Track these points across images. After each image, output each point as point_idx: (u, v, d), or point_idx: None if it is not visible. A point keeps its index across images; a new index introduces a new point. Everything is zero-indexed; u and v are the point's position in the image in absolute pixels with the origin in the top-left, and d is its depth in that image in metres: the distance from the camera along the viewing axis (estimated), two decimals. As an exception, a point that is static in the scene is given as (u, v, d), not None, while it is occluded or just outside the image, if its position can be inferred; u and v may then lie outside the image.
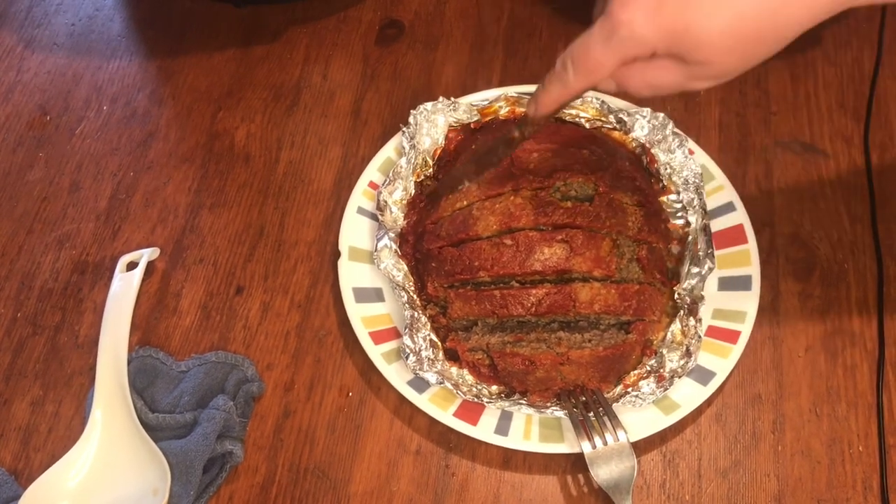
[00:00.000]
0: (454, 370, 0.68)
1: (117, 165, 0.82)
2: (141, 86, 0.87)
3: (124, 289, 0.72)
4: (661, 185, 0.75)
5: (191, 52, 0.89)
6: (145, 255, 0.75)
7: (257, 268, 0.76)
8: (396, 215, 0.74)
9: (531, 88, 0.79)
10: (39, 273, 0.76)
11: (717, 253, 0.72)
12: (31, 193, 0.80)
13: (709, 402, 0.69)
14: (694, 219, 0.73)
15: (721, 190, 0.76)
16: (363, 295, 0.72)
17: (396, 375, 0.68)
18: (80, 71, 0.88)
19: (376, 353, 0.69)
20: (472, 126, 0.78)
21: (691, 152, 0.76)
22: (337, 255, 0.75)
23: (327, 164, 0.82)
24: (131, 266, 0.74)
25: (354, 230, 0.75)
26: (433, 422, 0.68)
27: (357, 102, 0.86)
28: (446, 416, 0.66)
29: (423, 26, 0.91)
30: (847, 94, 0.85)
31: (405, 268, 0.71)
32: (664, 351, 0.68)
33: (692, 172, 0.75)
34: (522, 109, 0.78)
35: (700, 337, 0.68)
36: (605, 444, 0.64)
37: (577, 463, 0.67)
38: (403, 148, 0.77)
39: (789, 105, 0.85)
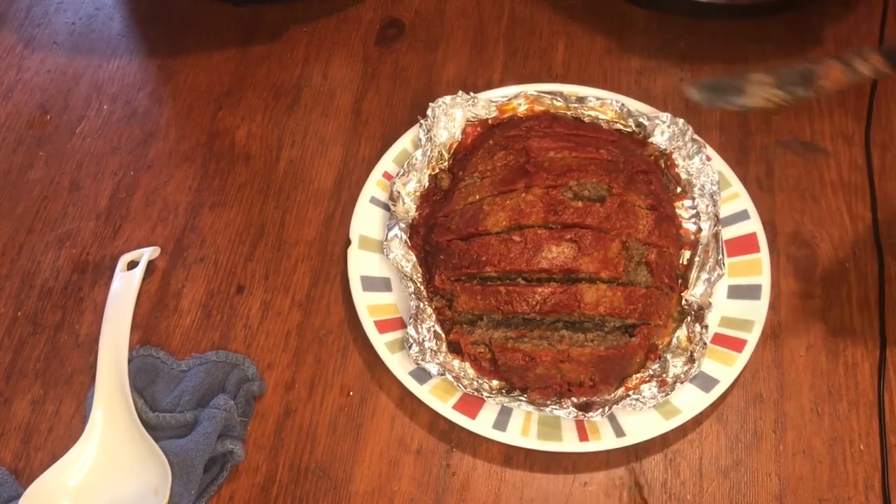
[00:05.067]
0: (456, 363, 0.68)
1: (118, 164, 0.82)
2: (141, 85, 0.87)
3: (125, 288, 0.72)
4: (679, 189, 0.75)
5: (191, 52, 0.89)
6: (146, 254, 0.75)
7: (258, 267, 0.76)
8: (409, 206, 0.75)
9: (551, 87, 0.80)
10: (40, 272, 0.76)
11: (728, 261, 0.72)
12: (31, 192, 0.80)
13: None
14: (706, 225, 0.73)
15: (736, 197, 0.76)
16: (371, 284, 0.72)
17: (399, 365, 0.68)
18: (81, 70, 0.88)
19: (380, 342, 0.69)
20: (489, 122, 0.79)
21: (709, 159, 0.76)
22: (338, 253, 0.76)
23: (328, 163, 0.82)
24: (132, 265, 0.74)
25: (366, 219, 0.75)
26: (434, 421, 0.68)
27: (357, 102, 0.86)
28: (446, 408, 0.66)
29: (423, 26, 0.91)
30: (848, 94, 0.85)
31: (414, 259, 0.71)
32: (668, 356, 0.68)
33: (709, 179, 0.74)
34: (541, 107, 0.79)
35: (705, 344, 0.68)
36: None
37: (578, 462, 0.67)
38: (420, 140, 0.77)
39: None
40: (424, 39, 0.90)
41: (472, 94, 0.79)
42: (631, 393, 0.67)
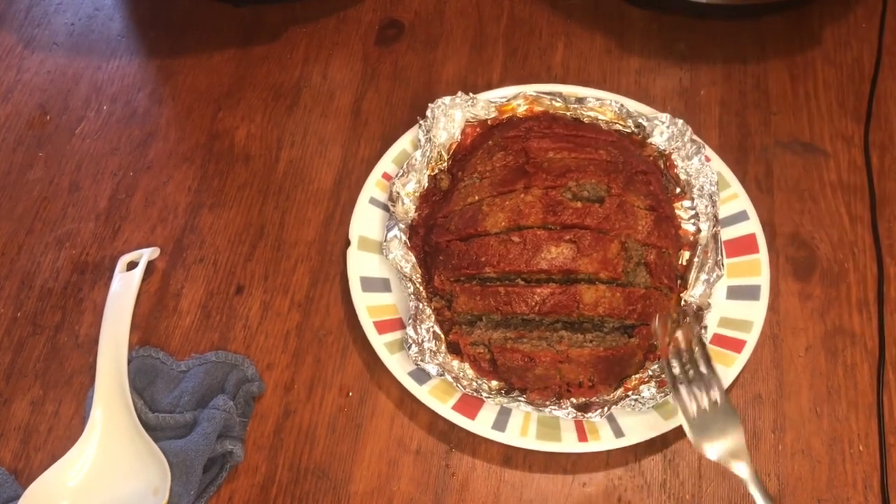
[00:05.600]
0: (455, 363, 0.68)
1: (117, 165, 0.82)
2: (141, 85, 0.87)
3: (124, 288, 0.72)
4: (678, 190, 0.75)
5: (191, 52, 0.89)
6: (145, 254, 0.75)
7: (257, 267, 0.76)
8: (408, 207, 0.75)
9: (550, 88, 0.80)
10: (39, 272, 0.76)
11: (727, 261, 0.72)
12: (31, 193, 0.80)
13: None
14: (705, 226, 0.73)
15: (735, 198, 0.76)
16: (370, 284, 0.72)
17: (398, 366, 0.68)
18: (80, 70, 0.88)
19: (379, 343, 0.69)
20: (489, 122, 0.79)
21: (708, 159, 0.76)
22: (338, 253, 0.76)
23: (327, 163, 0.82)
24: (131, 266, 0.74)
25: (366, 220, 0.75)
26: (433, 421, 0.68)
27: (357, 102, 0.86)
28: (445, 408, 0.67)
29: (422, 26, 0.91)
30: (847, 95, 0.85)
31: (413, 259, 0.72)
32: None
33: (708, 180, 0.75)
34: (540, 108, 0.79)
35: (704, 344, 0.68)
36: (704, 409, 0.61)
37: (577, 463, 0.67)
38: (419, 141, 0.77)
39: (789, 105, 0.85)
40: (424, 40, 0.90)
41: (471, 94, 0.79)
42: (630, 393, 0.67)
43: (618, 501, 0.66)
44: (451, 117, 0.78)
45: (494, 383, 0.68)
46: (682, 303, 0.70)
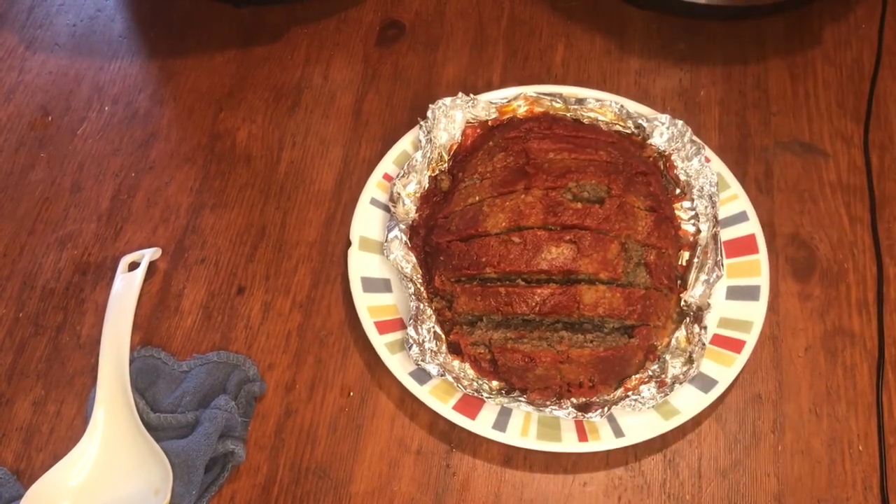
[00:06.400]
0: (456, 363, 0.68)
1: (119, 166, 0.82)
2: (142, 86, 0.87)
3: (126, 289, 0.73)
4: (678, 191, 0.75)
5: (192, 53, 0.89)
6: (147, 255, 0.75)
7: (259, 268, 0.76)
8: (409, 208, 0.75)
9: (550, 89, 0.80)
10: (41, 273, 0.76)
11: (727, 262, 0.73)
12: (32, 194, 0.81)
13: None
14: (705, 227, 0.73)
15: (735, 199, 0.76)
16: (371, 285, 0.72)
17: (399, 366, 0.69)
18: (82, 71, 0.88)
19: (380, 343, 0.69)
20: (489, 123, 0.79)
21: (708, 160, 0.76)
22: (339, 254, 0.76)
23: (328, 164, 0.82)
24: (133, 266, 0.75)
25: (367, 220, 0.75)
26: (434, 421, 0.68)
27: (358, 103, 0.86)
28: (446, 408, 0.67)
29: (423, 27, 0.91)
30: (847, 94, 0.86)
31: (414, 260, 0.72)
32: (667, 357, 0.68)
33: (707, 181, 0.75)
34: (541, 109, 0.79)
35: (704, 345, 0.68)
36: None
37: (577, 463, 0.67)
38: (420, 141, 0.77)
39: (789, 105, 0.85)
40: (424, 40, 0.90)
41: (471, 95, 0.79)
42: (630, 394, 0.67)
43: (618, 501, 0.66)
44: (451, 118, 0.78)
45: (495, 383, 0.68)
46: (682, 303, 0.70)
